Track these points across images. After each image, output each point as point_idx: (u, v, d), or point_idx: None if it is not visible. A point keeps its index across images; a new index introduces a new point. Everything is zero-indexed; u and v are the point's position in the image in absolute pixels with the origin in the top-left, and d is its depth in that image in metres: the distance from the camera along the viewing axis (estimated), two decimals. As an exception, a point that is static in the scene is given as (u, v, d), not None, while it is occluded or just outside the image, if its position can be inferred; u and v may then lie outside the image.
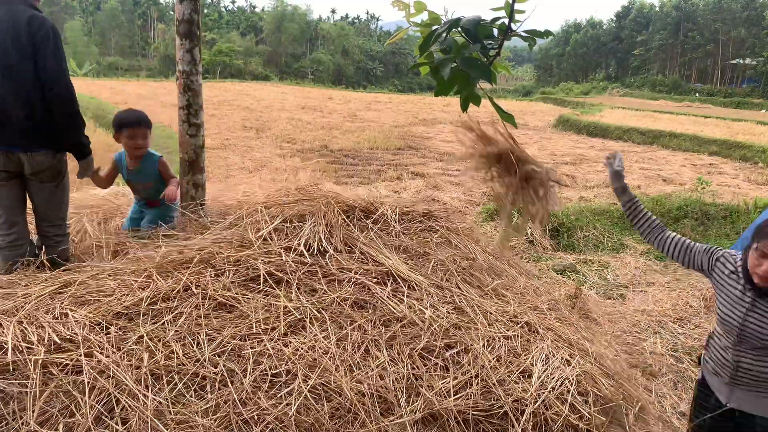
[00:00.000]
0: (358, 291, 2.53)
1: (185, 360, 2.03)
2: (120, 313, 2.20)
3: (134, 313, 2.20)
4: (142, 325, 2.14)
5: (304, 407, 1.95)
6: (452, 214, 3.41)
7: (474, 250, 3.16)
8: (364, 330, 2.30)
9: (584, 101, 43.02)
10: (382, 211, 3.08)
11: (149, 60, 70.06)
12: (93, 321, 2.13)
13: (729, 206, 8.02)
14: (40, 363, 1.93)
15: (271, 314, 2.29)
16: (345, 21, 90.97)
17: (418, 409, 2.04)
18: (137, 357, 2.01)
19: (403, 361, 2.20)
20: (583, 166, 14.58)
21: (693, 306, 4.87)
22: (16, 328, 2.03)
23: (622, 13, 73.93)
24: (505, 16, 1.88)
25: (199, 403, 1.91)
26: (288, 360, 2.09)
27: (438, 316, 2.47)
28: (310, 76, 68.28)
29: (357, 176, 11.90)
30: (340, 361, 2.13)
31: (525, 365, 2.31)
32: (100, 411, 1.85)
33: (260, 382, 2.01)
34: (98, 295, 2.28)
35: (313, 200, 2.97)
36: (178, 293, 2.32)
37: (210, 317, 2.24)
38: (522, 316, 2.65)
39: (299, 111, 25.47)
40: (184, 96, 3.07)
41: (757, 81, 55.95)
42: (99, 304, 2.23)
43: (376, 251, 2.78)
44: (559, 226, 6.80)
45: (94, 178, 3.08)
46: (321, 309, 2.37)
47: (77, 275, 2.42)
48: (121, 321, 2.17)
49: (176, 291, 2.32)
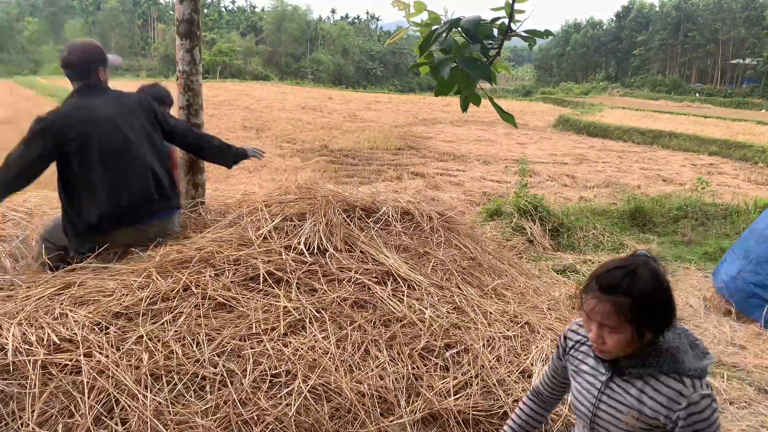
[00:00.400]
0: (358, 291, 2.52)
1: (185, 360, 2.03)
2: (119, 313, 2.20)
3: (134, 313, 2.20)
4: (142, 325, 2.14)
5: (304, 407, 1.95)
6: (459, 215, 3.42)
7: (474, 249, 3.16)
8: (364, 330, 2.30)
9: (584, 101, 43.01)
10: (384, 210, 3.09)
11: (149, 60, 70.08)
12: (92, 321, 2.13)
13: (729, 206, 8.02)
14: (40, 363, 1.93)
15: (271, 314, 2.29)
16: (345, 21, 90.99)
17: (418, 410, 2.04)
18: (137, 357, 2.01)
19: (402, 361, 2.20)
20: (583, 166, 14.58)
21: (693, 306, 4.87)
22: (16, 330, 2.03)
23: (622, 13, 73.92)
24: (505, 16, 1.88)
25: (199, 404, 1.91)
26: (288, 360, 2.09)
27: (438, 315, 2.47)
28: (310, 76, 68.29)
29: (357, 176, 11.90)
30: (340, 361, 2.13)
31: (525, 365, 2.31)
32: (100, 411, 1.85)
33: (260, 383, 2.01)
34: (98, 296, 2.28)
35: (313, 199, 2.97)
36: (177, 293, 2.32)
37: (210, 317, 2.24)
38: (522, 316, 2.65)
39: (299, 111, 25.47)
40: (185, 96, 3.07)
41: (757, 81, 55.95)
42: (98, 304, 2.23)
43: (376, 251, 2.77)
44: (559, 226, 6.79)
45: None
46: (321, 309, 2.37)
47: (77, 276, 2.42)
48: (121, 321, 2.17)
49: (176, 291, 2.32)
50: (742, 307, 4.60)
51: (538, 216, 6.75)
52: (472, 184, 11.27)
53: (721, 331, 4.36)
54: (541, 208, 6.86)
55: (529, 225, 6.58)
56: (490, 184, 11.33)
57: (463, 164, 14.05)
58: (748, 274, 4.59)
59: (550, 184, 11.81)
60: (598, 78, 71.77)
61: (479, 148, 17.08)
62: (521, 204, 6.86)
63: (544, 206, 6.93)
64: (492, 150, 16.67)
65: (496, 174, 12.62)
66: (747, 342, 4.19)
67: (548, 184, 11.80)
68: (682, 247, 6.68)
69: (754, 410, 3.33)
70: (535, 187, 10.72)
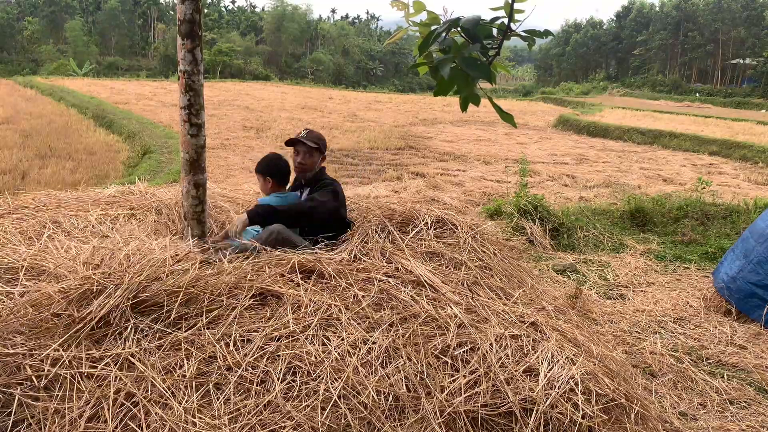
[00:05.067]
0: (383, 293, 2.57)
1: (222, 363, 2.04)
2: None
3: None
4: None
5: (332, 412, 1.97)
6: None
7: (489, 251, 3.19)
8: (387, 332, 2.33)
9: (584, 101, 42.98)
10: (425, 221, 3.16)
11: (149, 60, 70.01)
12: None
13: (729, 206, 8.02)
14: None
15: (301, 313, 2.35)
16: (345, 21, 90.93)
17: (438, 410, 2.06)
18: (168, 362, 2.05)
19: (430, 364, 2.23)
20: (583, 166, 14.58)
21: (693, 306, 4.87)
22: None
23: (622, 13, 73.88)
24: (504, 15, 1.88)
25: (225, 408, 1.93)
26: (314, 364, 2.12)
27: (458, 318, 2.50)
28: (310, 75, 68.23)
29: (357, 176, 11.90)
30: (363, 363, 2.16)
31: (531, 364, 2.32)
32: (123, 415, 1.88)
33: (286, 388, 2.05)
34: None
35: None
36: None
37: (244, 316, 2.30)
38: (529, 317, 2.66)
39: (299, 111, 25.46)
40: (186, 96, 3.07)
41: (757, 81, 55.91)
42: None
43: (400, 255, 2.84)
44: (559, 226, 6.79)
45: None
46: (346, 309, 2.41)
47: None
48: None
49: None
50: (742, 307, 4.61)
51: (539, 216, 6.76)
52: (472, 184, 11.27)
53: (721, 331, 4.36)
54: (541, 208, 6.86)
55: (529, 225, 6.59)
56: (490, 184, 11.33)
57: (463, 164, 14.05)
58: (748, 274, 4.59)
59: (550, 184, 11.81)
60: (598, 78, 71.74)
61: (479, 148, 17.08)
62: (521, 204, 6.86)
63: (544, 206, 6.93)
64: (492, 150, 16.67)
65: (496, 174, 12.62)
66: (747, 342, 4.20)
67: (548, 184, 11.80)
68: (682, 247, 6.68)
69: (754, 410, 3.34)
70: (535, 187, 10.72)
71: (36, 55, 62.70)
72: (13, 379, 1.95)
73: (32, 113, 18.32)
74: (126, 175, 10.36)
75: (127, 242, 2.65)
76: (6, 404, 1.90)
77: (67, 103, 22.16)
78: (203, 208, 3.22)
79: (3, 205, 3.39)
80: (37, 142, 13.26)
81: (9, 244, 2.78)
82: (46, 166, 10.86)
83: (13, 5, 70.04)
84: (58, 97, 24.08)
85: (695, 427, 3.12)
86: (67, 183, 9.24)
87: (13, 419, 1.85)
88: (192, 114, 3.11)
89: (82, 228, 3.16)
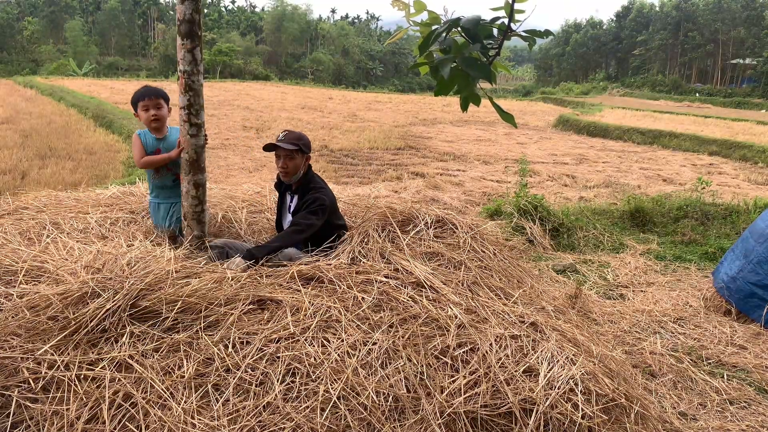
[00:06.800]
0: (382, 294, 2.56)
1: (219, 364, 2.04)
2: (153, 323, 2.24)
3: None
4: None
5: (332, 413, 1.96)
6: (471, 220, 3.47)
7: (489, 251, 3.18)
8: (386, 333, 2.32)
9: (584, 101, 42.97)
10: (425, 221, 3.14)
11: (149, 60, 70.00)
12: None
13: (729, 206, 8.01)
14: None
15: (300, 316, 2.35)
16: (345, 21, 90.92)
17: (438, 411, 2.06)
18: (167, 363, 2.04)
19: (430, 365, 2.22)
20: (583, 166, 14.57)
21: (693, 306, 4.87)
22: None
23: (622, 13, 73.87)
24: (504, 15, 1.88)
25: (224, 409, 1.93)
26: (314, 365, 2.12)
27: (458, 318, 2.49)
28: (310, 75, 68.23)
29: (357, 176, 11.90)
30: (363, 364, 2.15)
31: (531, 364, 2.32)
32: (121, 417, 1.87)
33: (285, 390, 2.04)
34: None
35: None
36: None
37: (243, 320, 2.29)
38: (528, 317, 2.66)
39: (299, 111, 25.46)
40: (186, 96, 3.07)
41: (757, 81, 55.90)
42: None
43: (400, 255, 2.83)
44: (559, 226, 6.79)
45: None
46: (346, 311, 2.40)
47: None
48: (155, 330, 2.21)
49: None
50: (742, 307, 4.60)
51: (538, 216, 6.75)
52: (472, 184, 11.27)
53: (721, 331, 4.36)
54: (541, 208, 6.86)
55: (529, 225, 6.58)
56: (490, 184, 11.33)
57: (463, 164, 14.05)
58: (748, 274, 4.59)
59: (550, 184, 11.81)
60: (598, 78, 71.70)
61: (479, 148, 17.08)
62: (521, 204, 6.85)
63: (544, 206, 6.92)
64: (492, 150, 16.66)
65: (496, 174, 12.61)
66: (747, 342, 4.19)
67: (548, 184, 11.80)
68: (682, 247, 6.68)
69: (754, 410, 3.33)
70: (535, 187, 10.72)
71: (36, 55, 62.69)
72: (11, 381, 1.94)
73: (32, 113, 18.32)
74: (126, 175, 10.34)
75: (131, 248, 2.65)
76: (4, 406, 1.90)
77: (67, 103, 22.16)
78: (203, 208, 3.21)
79: (3, 206, 3.38)
80: (37, 142, 13.26)
81: (9, 245, 2.77)
82: (46, 166, 10.85)
83: (13, 5, 69.97)
84: (58, 97, 24.07)
85: (695, 427, 3.12)
86: (67, 183, 9.24)
87: (12, 420, 1.85)
88: (192, 114, 3.11)
89: (82, 230, 3.16)
